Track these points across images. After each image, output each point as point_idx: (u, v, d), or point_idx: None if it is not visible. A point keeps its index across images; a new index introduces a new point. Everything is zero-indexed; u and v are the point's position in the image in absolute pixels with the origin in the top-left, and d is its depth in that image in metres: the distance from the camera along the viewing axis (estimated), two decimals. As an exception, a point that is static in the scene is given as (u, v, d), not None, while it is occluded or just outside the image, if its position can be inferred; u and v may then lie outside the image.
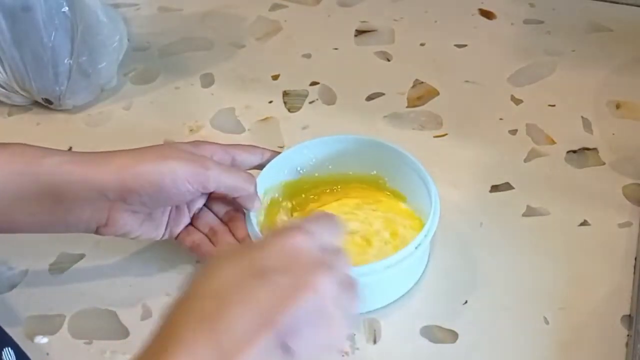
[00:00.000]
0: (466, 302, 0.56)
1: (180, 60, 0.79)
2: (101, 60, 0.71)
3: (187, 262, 0.60)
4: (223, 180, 0.53)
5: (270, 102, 0.74)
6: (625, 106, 0.72)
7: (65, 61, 0.69)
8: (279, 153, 0.59)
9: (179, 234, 0.57)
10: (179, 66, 0.78)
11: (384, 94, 0.74)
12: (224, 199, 0.56)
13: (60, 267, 0.60)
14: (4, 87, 0.71)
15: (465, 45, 0.79)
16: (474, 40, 0.79)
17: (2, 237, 0.61)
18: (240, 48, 0.80)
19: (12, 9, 0.65)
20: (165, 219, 0.56)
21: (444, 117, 0.71)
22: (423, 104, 0.73)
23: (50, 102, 0.72)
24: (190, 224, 0.57)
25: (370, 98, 0.74)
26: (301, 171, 0.61)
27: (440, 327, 0.55)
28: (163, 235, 0.56)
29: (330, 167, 0.61)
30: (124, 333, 0.56)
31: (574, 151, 0.67)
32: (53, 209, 0.50)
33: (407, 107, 0.73)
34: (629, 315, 0.55)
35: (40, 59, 0.68)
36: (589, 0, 0.84)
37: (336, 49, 0.80)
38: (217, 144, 0.56)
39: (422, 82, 0.75)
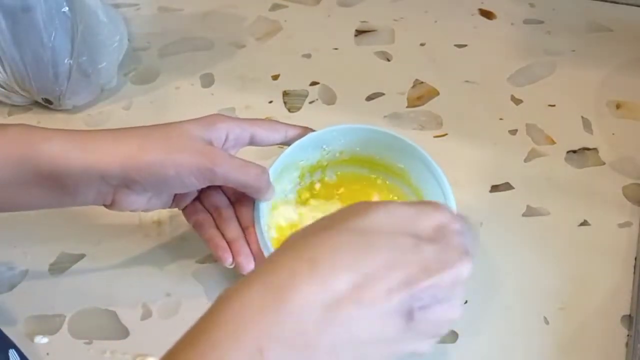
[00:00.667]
0: (466, 302, 0.56)
1: (180, 60, 0.79)
2: (101, 60, 0.71)
3: (187, 262, 0.60)
4: (232, 177, 0.51)
5: (270, 102, 0.74)
6: (625, 106, 0.72)
7: (65, 61, 0.69)
8: (304, 129, 0.58)
9: (185, 208, 0.56)
10: (179, 66, 0.78)
11: (384, 94, 0.74)
12: None
13: (60, 267, 0.60)
14: (4, 87, 0.71)
15: (465, 45, 0.79)
16: (474, 40, 0.79)
17: (2, 237, 0.61)
18: (241, 48, 0.80)
19: (12, 9, 0.65)
20: (172, 195, 0.54)
21: (444, 117, 0.71)
22: (423, 104, 0.73)
23: (50, 102, 0.72)
24: (198, 198, 0.56)
25: (370, 98, 0.74)
26: (326, 148, 0.59)
27: (440, 327, 0.55)
28: (170, 207, 0.55)
29: (358, 149, 0.60)
30: (124, 333, 0.56)
31: (574, 151, 0.67)
32: (55, 192, 0.49)
33: (407, 107, 0.73)
34: (629, 315, 0.55)
35: (40, 59, 0.68)
36: (589, 0, 0.84)
37: (336, 49, 0.80)
38: (234, 119, 0.54)
39: (422, 82, 0.75)
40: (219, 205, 0.56)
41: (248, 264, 0.53)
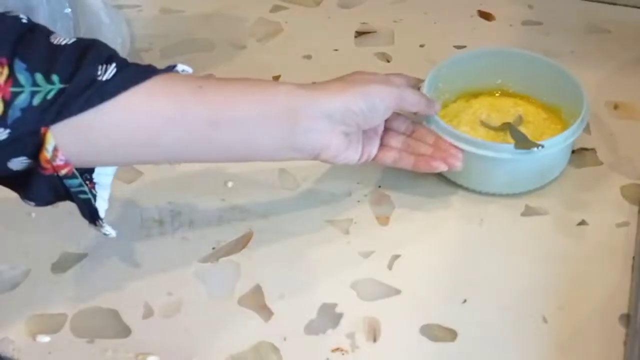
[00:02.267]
0: (465, 301, 0.56)
1: (182, 61, 0.78)
2: (103, 61, 0.71)
3: (188, 261, 0.60)
4: (411, 98, 0.60)
5: (271, 102, 0.74)
6: (623, 107, 0.72)
7: (67, 62, 0.69)
8: (430, 103, 0.64)
9: (375, 157, 0.62)
10: (180, 67, 0.78)
11: (383, 95, 0.74)
12: (399, 116, 0.63)
13: (62, 267, 0.60)
14: (6, 88, 0.71)
15: (465, 47, 0.79)
16: (473, 41, 0.80)
17: (4, 237, 0.62)
18: (241, 49, 0.80)
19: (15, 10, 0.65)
20: (361, 143, 0.60)
21: (444, 118, 0.71)
22: (423, 105, 0.73)
23: (52, 103, 0.72)
24: (381, 144, 0.62)
25: (370, 99, 0.74)
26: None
27: (439, 326, 0.55)
28: (360, 159, 0.60)
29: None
30: (125, 332, 0.56)
31: (573, 151, 0.67)
32: (288, 130, 0.54)
33: (406, 107, 0.73)
34: (627, 314, 0.55)
35: (42, 60, 0.68)
36: (587, 1, 0.85)
37: (336, 50, 0.80)
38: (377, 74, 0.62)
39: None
40: (401, 139, 0.63)
41: (456, 162, 0.61)
